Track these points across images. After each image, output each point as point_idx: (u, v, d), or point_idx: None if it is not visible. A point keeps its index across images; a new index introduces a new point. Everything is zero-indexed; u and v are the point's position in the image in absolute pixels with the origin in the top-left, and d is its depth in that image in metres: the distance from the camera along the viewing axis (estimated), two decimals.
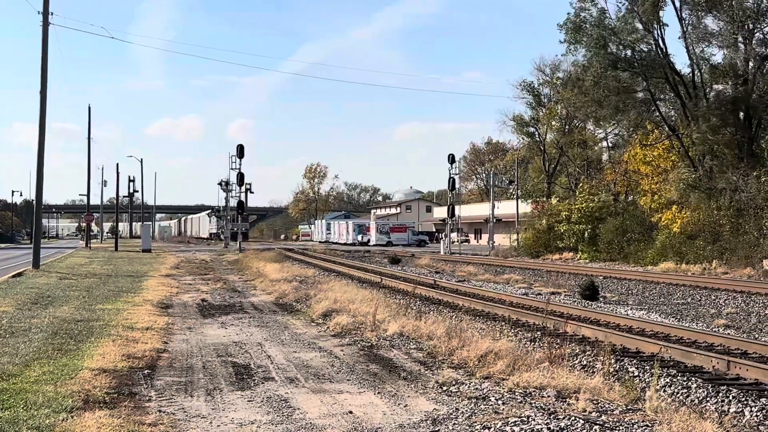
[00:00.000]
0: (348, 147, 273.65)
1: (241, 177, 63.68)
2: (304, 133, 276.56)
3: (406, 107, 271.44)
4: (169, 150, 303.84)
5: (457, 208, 64.51)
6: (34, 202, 35.99)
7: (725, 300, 22.58)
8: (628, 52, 43.31)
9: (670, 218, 41.68)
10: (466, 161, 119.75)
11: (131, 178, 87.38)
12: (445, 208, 70.58)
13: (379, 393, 8.74)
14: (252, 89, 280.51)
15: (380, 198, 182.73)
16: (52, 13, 33.51)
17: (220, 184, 74.67)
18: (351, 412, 7.82)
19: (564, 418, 7.27)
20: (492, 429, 7.02)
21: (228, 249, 63.81)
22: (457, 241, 72.94)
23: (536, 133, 70.26)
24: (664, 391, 9.99)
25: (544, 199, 63.45)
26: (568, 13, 44.33)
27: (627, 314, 18.53)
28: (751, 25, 40.06)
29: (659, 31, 42.82)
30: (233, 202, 69.06)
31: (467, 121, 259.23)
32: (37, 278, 26.40)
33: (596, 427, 6.95)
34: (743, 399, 9.45)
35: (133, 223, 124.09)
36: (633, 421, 7.22)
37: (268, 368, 10.29)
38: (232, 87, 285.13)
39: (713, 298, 23.22)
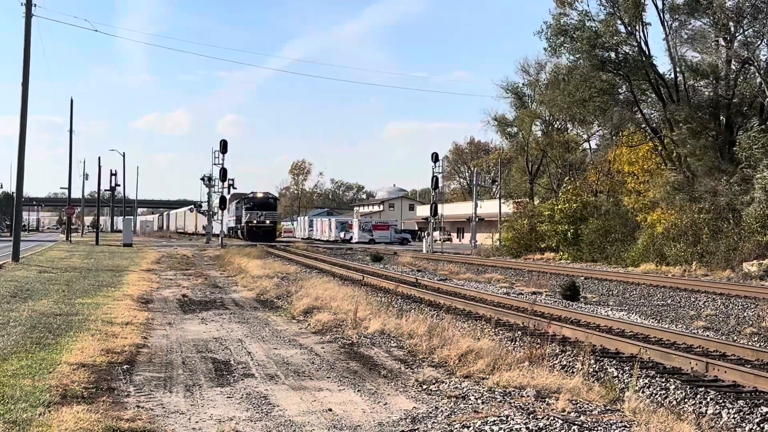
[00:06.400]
0: (336, 144, 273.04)
1: (224, 172, 63.18)
2: (291, 129, 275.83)
3: (394, 105, 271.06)
4: (156, 145, 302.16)
5: (440, 206, 64.60)
6: (15, 194, 35.68)
7: (705, 302, 22.72)
8: (611, 54, 43.52)
9: (656, 218, 41.89)
10: (449, 161, 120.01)
11: (113, 172, 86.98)
12: (428, 207, 70.63)
13: (359, 391, 8.74)
14: (240, 85, 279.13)
15: (364, 196, 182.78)
16: (35, 5, 33.28)
17: (202, 179, 74.17)
18: (330, 410, 7.81)
19: (543, 417, 7.28)
20: (471, 428, 7.03)
21: (209, 244, 63.52)
22: (440, 240, 73.09)
23: (519, 133, 70.37)
24: (643, 392, 10.05)
25: (527, 199, 63.59)
26: (546, 21, 44.59)
27: (607, 315, 18.61)
28: (732, 28, 40.33)
29: (642, 33, 43.12)
30: (216, 198, 68.01)
31: (455, 120, 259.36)
32: (17, 271, 26.20)
33: (575, 427, 6.97)
34: (721, 401, 9.51)
35: (115, 218, 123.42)
36: (611, 421, 7.25)
37: (248, 365, 10.26)
38: (219, 82, 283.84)
39: (693, 299, 23.36)
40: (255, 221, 71.75)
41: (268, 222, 73.24)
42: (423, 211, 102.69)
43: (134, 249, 51.84)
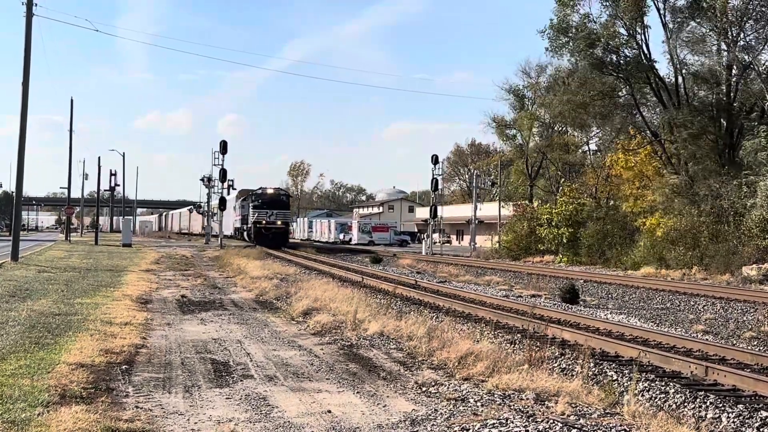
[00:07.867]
0: (336, 145, 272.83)
1: (223, 173, 62.63)
2: (291, 129, 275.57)
3: (394, 106, 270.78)
4: (156, 145, 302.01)
5: (439, 208, 64.52)
6: (14, 194, 35.67)
7: (704, 306, 22.71)
8: (613, 57, 43.58)
9: (655, 223, 41.91)
10: (449, 162, 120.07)
11: (113, 172, 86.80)
12: (427, 209, 70.54)
13: (358, 393, 8.72)
14: (240, 85, 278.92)
15: (364, 197, 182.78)
16: (36, 5, 33.22)
17: (202, 180, 73.72)
18: (330, 412, 7.79)
19: (542, 420, 7.27)
20: (470, 431, 7.01)
21: (209, 245, 63.39)
22: (439, 242, 73.04)
23: (519, 135, 70.37)
24: (643, 395, 10.03)
25: (526, 202, 63.58)
26: (551, 19, 44.70)
27: (607, 318, 18.61)
28: (734, 32, 40.35)
29: (643, 36, 43.17)
30: (215, 199, 67.17)
31: (455, 121, 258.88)
32: (16, 271, 26.16)
33: (574, 430, 6.96)
34: (720, 405, 9.49)
35: (114, 218, 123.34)
36: (611, 425, 7.24)
37: (247, 366, 10.24)
38: (219, 82, 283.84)
39: (692, 303, 23.35)
40: (264, 221, 60.89)
41: (279, 222, 61.68)
42: (422, 212, 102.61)
43: (133, 249, 51.77)
